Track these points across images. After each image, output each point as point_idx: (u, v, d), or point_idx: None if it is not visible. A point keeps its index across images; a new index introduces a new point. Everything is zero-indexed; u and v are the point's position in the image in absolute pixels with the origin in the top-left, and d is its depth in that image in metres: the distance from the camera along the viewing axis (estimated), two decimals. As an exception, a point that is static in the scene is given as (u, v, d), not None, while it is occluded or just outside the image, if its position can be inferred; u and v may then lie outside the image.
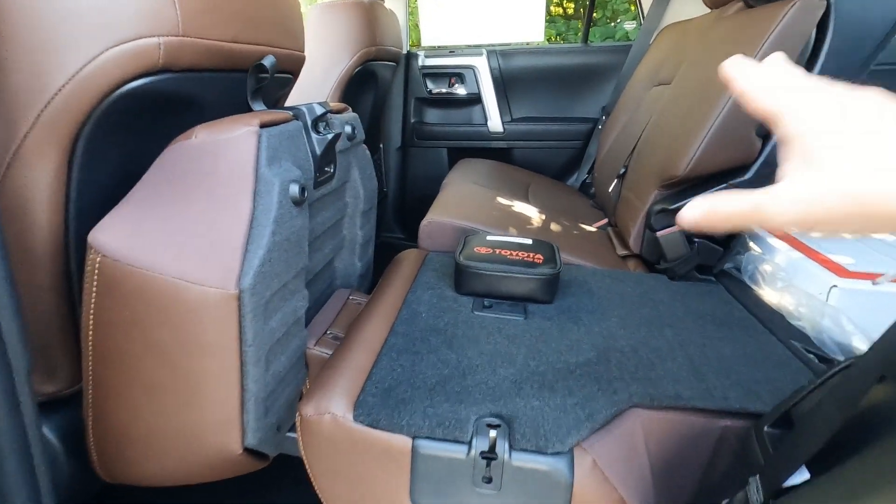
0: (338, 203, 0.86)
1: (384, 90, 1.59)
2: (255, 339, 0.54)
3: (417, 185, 1.98)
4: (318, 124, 0.70)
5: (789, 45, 0.80)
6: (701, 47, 1.09)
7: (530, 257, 0.84)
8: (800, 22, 0.79)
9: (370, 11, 1.21)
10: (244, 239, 0.52)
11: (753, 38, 0.83)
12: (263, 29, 0.64)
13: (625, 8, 4.12)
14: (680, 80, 1.12)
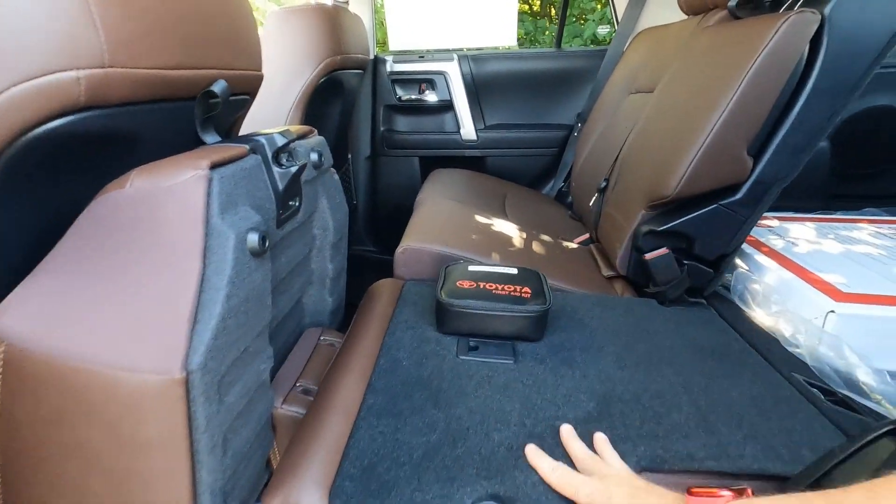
0: (305, 237, 0.77)
1: (351, 99, 1.49)
2: (208, 423, 0.46)
3: (389, 195, 1.89)
4: (279, 156, 0.61)
5: (782, 61, 0.76)
6: (685, 57, 1.05)
7: (517, 291, 0.78)
8: (793, 37, 0.75)
9: (334, 17, 1.11)
10: (192, 309, 0.43)
11: (745, 53, 0.79)
12: (213, 50, 0.54)
13: (591, 7, 4.13)
14: (664, 90, 1.07)
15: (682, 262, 0.91)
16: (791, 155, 0.81)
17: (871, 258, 0.99)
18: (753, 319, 0.88)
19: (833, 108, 0.78)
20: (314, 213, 0.78)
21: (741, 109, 0.79)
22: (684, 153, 0.85)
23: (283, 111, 1.04)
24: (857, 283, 0.86)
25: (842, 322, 0.79)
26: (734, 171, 0.84)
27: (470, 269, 0.85)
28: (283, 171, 0.61)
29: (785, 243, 1.09)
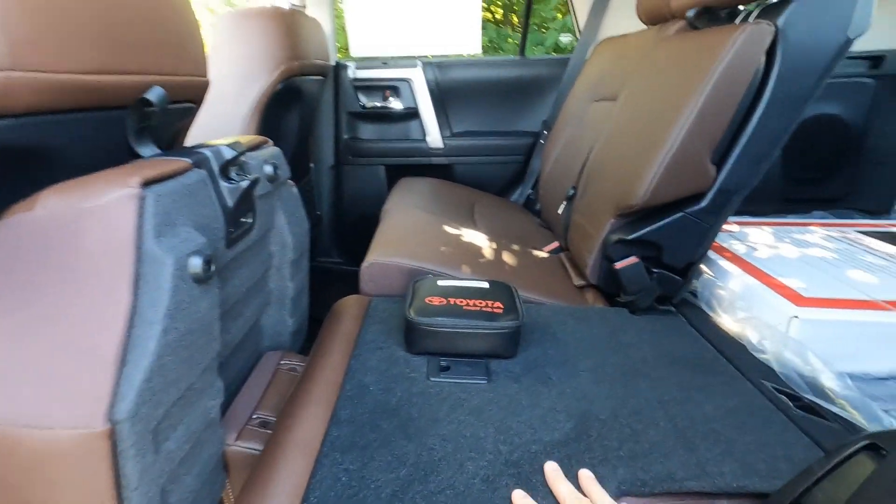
0: (261, 255, 0.72)
1: (312, 106, 1.43)
2: (141, 478, 0.40)
3: (354, 204, 1.84)
4: (228, 170, 0.56)
5: (741, 71, 0.77)
6: (647, 67, 1.05)
7: (489, 307, 0.75)
8: (750, 48, 0.76)
9: (291, 21, 1.06)
10: (119, 349, 0.38)
11: (705, 64, 0.80)
12: (146, 54, 0.49)
13: (552, 16, 4.20)
14: (627, 100, 1.08)
15: (651, 271, 0.91)
16: (752, 163, 0.82)
17: (826, 262, 1.02)
18: (721, 326, 0.89)
19: (790, 117, 0.79)
20: (271, 229, 0.73)
21: (703, 120, 0.80)
22: (650, 162, 0.85)
23: (238, 119, 0.97)
24: (815, 288, 0.88)
25: (805, 327, 0.80)
26: (698, 179, 0.84)
27: (439, 283, 0.82)
28: (232, 187, 0.56)
29: (746, 248, 1.12)
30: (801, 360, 0.75)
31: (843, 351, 0.79)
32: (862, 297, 0.85)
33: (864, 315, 0.80)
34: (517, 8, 4.78)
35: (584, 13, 1.62)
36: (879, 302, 0.82)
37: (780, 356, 0.78)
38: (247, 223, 0.62)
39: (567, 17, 4.04)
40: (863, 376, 0.80)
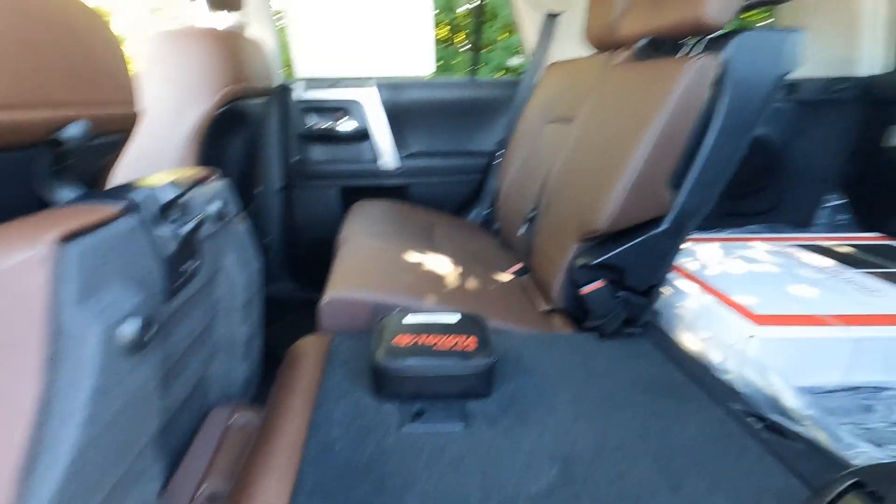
0: (207, 301, 0.64)
1: (257, 128, 1.35)
2: None
3: (308, 228, 1.75)
4: (168, 212, 0.49)
5: (692, 101, 0.80)
6: (600, 93, 1.08)
7: (461, 343, 0.71)
8: (699, 80, 0.79)
9: (230, 42, 0.99)
10: (23, 455, 0.31)
11: (658, 94, 0.82)
12: (65, 84, 0.42)
13: (496, 38, 4.32)
14: (583, 124, 1.10)
15: (616, 294, 0.92)
16: (706, 187, 0.85)
17: (772, 276, 1.08)
18: (685, 346, 0.90)
19: (738, 143, 0.83)
20: (219, 271, 0.65)
21: (660, 147, 0.82)
22: (611, 188, 0.86)
23: (174, 148, 0.89)
24: (767, 304, 0.92)
25: (762, 345, 0.82)
26: (658, 204, 0.86)
27: (406, 320, 0.77)
28: (173, 232, 0.49)
29: (699, 266, 1.16)
30: (762, 380, 0.77)
31: (796, 366, 0.82)
32: (807, 311, 0.90)
33: (811, 331, 0.84)
34: (464, 29, 4.88)
35: (531, 38, 1.66)
36: (823, 317, 0.87)
37: (742, 376, 0.80)
38: (190, 270, 0.55)
39: (511, 38, 4.17)
40: (815, 389, 0.84)
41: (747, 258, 1.21)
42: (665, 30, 0.89)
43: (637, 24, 0.99)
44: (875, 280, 1.03)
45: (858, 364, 0.83)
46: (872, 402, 0.79)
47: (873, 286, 1.00)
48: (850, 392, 0.83)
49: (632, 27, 1.01)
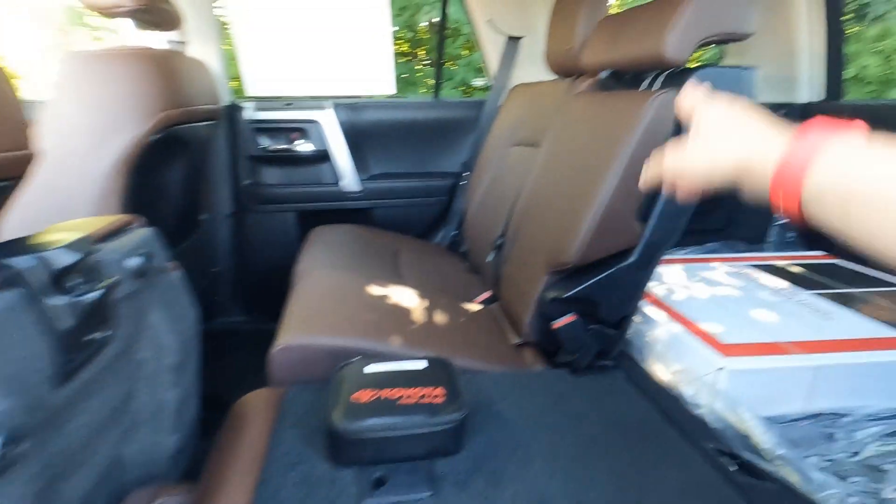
0: (124, 370, 0.55)
1: (202, 153, 1.26)
2: None
3: (261, 255, 1.64)
4: (65, 279, 0.41)
5: (657, 134, 0.79)
6: (565, 120, 1.07)
7: (428, 396, 0.66)
8: (662, 114, 0.79)
9: (167, 63, 0.90)
10: None
11: (624, 128, 0.81)
12: None
13: (458, 53, 4.34)
14: (549, 151, 1.08)
15: (587, 327, 0.89)
16: (672, 219, 0.84)
17: (733, 301, 1.09)
18: (658, 379, 0.89)
19: (702, 176, 0.82)
20: (141, 332, 0.57)
21: (627, 180, 0.81)
22: (581, 221, 0.84)
23: (93, 182, 0.78)
24: (733, 332, 0.92)
25: (731, 377, 0.82)
26: (627, 236, 0.84)
27: (367, 370, 0.71)
28: (70, 302, 0.41)
29: (664, 290, 1.16)
30: (732, 414, 0.76)
31: (762, 396, 0.82)
32: (768, 339, 0.90)
33: (775, 361, 0.84)
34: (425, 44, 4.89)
35: (494, 60, 1.65)
36: (784, 345, 0.88)
37: (713, 410, 0.78)
38: (97, 340, 0.46)
39: (474, 55, 4.20)
40: (779, 419, 0.84)
41: (709, 281, 1.23)
42: (627, 63, 0.89)
43: (599, 56, 0.98)
44: (826, 302, 1.06)
45: (818, 392, 0.84)
46: (833, 430, 0.80)
47: (825, 309, 1.03)
48: (811, 420, 0.84)
49: (593, 58, 1.01)
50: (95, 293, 0.41)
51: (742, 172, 0.36)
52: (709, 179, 0.39)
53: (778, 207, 0.33)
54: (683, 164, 0.40)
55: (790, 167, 0.32)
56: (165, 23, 1.02)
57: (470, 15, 1.63)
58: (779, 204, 0.33)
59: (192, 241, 1.26)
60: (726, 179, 0.38)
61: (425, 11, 3.97)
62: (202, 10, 1.39)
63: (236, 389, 0.79)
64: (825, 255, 1.46)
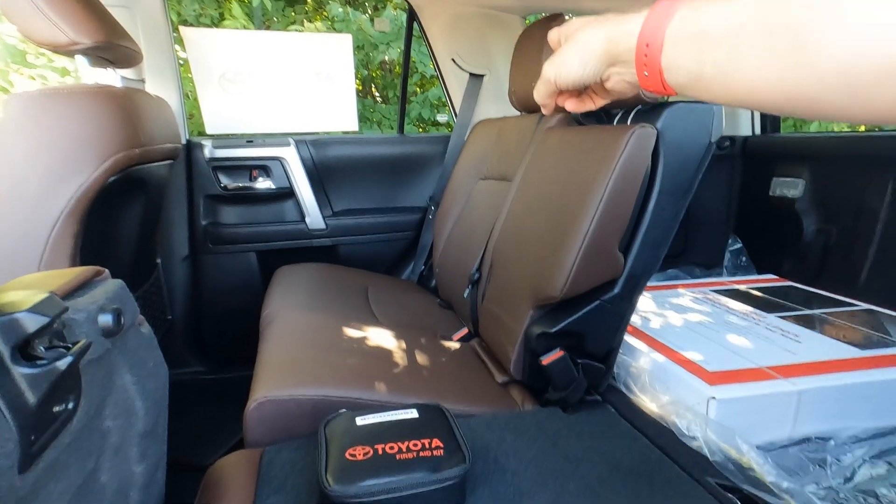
0: (88, 443, 0.48)
1: (158, 193, 1.17)
2: None
3: (220, 299, 1.54)
4: (31, 346, 0.35)
5: (635, 167, 0.82)
6: (538, 154, 1.09)
7: (428, 448, 0.61)
8: (639, 148, 0.81)
9: (127, 102, 0.84)
10: None
11: (603, 161, 0.83)
12: None
13: (413, 90, 4.44)
14: (526, 185, 1.09)
15: (576, 362, 0.88)
16: (652, 249, 0.86)
17: (707, 327, 1.12)
18: (645, 408, 0.88)
19: (677, 207, 0.85)
20: (107, 398, 0.50)
21: (609, 212, 0.82)
22: (565, 254, 0.84)
23: (42, 227, 0.70)
24: (713, 360, 0.94)
25: (722, 406, 0.82)
26: (610, 267, 0.85)
27: (359, 422, 0.65)
28: (38, 372, 0.35)
29: (640, 319, 1.18)
30: (728, 445, 0.76)
31: (751, 423, 0.83)
32: (749, 365, 0.92)
33: (761, 388, 0.85)
34: (377, 81, 4.97)
35: (458, 96, 1.69)
36: (766, 370, 0.90)
37: (709, 442, 0.78)
38: (63, 412, 0.40)
39: (427, 92, 4.31)
40: (770, 446, 0.85)
41: (679, 307, 1.26)
42: (600, 99, 0.92)
43: (569, 92, 1.02)
44: (792, 325, 1.11)
45: (803, 416, 0.86)
46: (823, 455, 0.81)
47: (793, 331, 1.07)
48: (799, 446, 0.85)
49: (563, 94, 1.04)
50: (65, 361, 0.35)
51: (610, 56, 0.38)
52: (583, 72, 0.40)
53: (645, 80, 0.36)
54: (559, 68, 0.41)
55: (647, 35, 0.34)
56: (123, 60, 0.96)
57: (434, 53, 1.66)
58: (644, 74, 0.35)
59: (147, 288, 1.16)
60: (598, 66, 0.39)
61: (381, 51, 4.06)
62: (160, 46, 1.34)
63: (201, 449, 0.70)
64: (776, 278, 1.56)
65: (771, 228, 1.74)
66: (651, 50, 0.34)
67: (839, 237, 1.52)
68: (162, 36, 1.33)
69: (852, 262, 1.46)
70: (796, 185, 1.65)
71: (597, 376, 0.89)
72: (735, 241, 1.79)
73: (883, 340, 1.02)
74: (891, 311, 1.19)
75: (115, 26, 0.92)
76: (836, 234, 1.54)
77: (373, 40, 3.97)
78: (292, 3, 4.37)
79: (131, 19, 1.27)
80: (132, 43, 0.98)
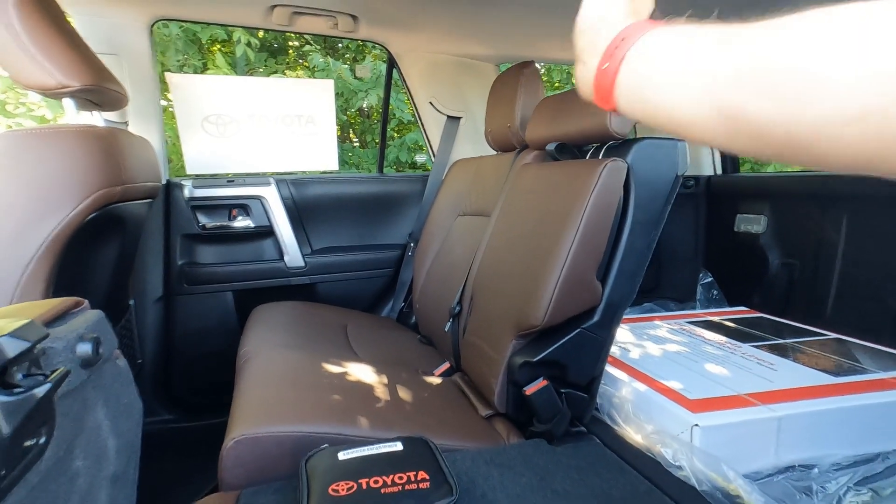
0: (55, 484, 0.45)
1: (136, 232, 1.16)
2: None
3: (194, 343, 1.48)
4: (9, 372, 0.34)
5: (608, 199, 0.86)
6: (515, 189, 1.13)
7: (413, 481, 0.59)
8: (611, 181, 0.86)
9: (109, 141, 0.85)
10: None
11: (578, 194, 0.87)
12: None
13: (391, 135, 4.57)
14: (504, 219, 1.12)
15: (559, 391, 0.88)
16: (629, 278, 0.89)
17: (685, 357, 1.14)
18: (630, 439, 0.88)
19: (649, 237, 0.89)
20: (79, 436, 0.47)
21: (586, 242, 0.85)
22: (545, 283, 0.86)
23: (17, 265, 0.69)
24: (694, 388, 0.96)
25: (706, 434, 0.83)
26: (589, 296, 0.87)
27: (341, 457, 0.63)
28: (14, 400, 0.33)
29: (620, 350, 1.19)
30: (714, 473, 0.76)
31: (736, 452, 0.83)
32: (729, 392, 0.94)
33: (743, 414, 0.86)
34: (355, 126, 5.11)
35: (436, 137, 1.75)
36: (746, 397, 0.92)
37: (694, 470, 0.78)
38: (34, 447, 0.38)
39: (405, 136, 4.44)
40: (755, 476, 0.85)
41: (657, 338, 1.29)
42: (572, 136, 0.98)
43: (543, 131, 1.08)
44: (767, 353, 1.14)
45: (785, 443, 0.87)
46: (809, 483, 0.82)
47: (768, 360, 1.10)
48: (784, 474, 0.86)
49: (538, 133, 1.10)
50: (43, 389, 0.34)
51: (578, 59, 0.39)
52: None
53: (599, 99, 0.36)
54: None
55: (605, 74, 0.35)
56: (110, 103, 0.98)
57: (412, 96, 1.74)
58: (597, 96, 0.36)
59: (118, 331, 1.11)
60: None
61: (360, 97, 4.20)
62: (146, 91, 1.36)
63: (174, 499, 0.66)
64: (747, 310, 1.61)
65: (739, 262, 1.82)
66: (603, 87, 0.35)
67: (802, 270, 1.60)
68: (148, 82, 1.36)
69: (818, 293, 1.53)
70: (759, 220, 1.75)
71: (580, 406, 0.89)
72: (706, 275, 1.86)
73: (854, 368, 1.05)
74: (857, 340, 1.24)
75: (102, 70, 0.94)
76: (799, 267, 1.62)
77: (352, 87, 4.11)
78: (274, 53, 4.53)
79: (119, 66, 1.30)
80: (119, 86, 1.00)
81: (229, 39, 3.90)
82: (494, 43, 1.62)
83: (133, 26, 1.30)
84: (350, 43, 4.31)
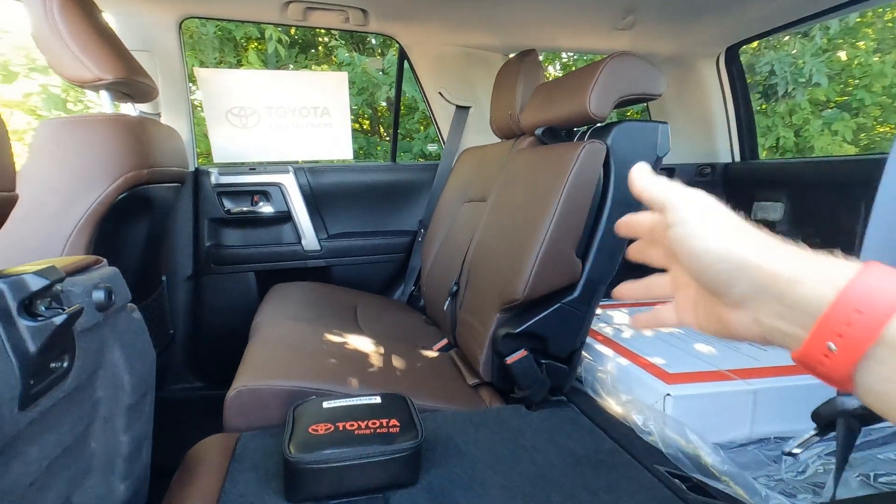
0: (80, 407, 0.55)
1: (163, 214, 1.28)
2: None
3: (219, 318, 1.62)
4: (34, 304, 0.43)
5: (587, 179, 0.90)
6: (508, 174, 1.18)
7: (384, 426, 0.67)
8: (590, 161, 0.90)
9: (137, 128, 0.96)
10: None
11: (558, 174, 0.91)
12: None
13: (416, 128, 4.65)
14: (495, 203, 1.17)
15: (539, 362, 0.93)
16: (608, 256, 0.93)
17: (675, 337, 1.16)
18: (609, 410, 0.92)
19: (630, 216, 0.92)
20: (99, 369, 0.57)
21: (564, 220, 0.89)
22: (526, 259, 0.91)
23: (60, 236, 0.81)
24: (676, 363, 0.98)
25: (677, 403, 0.86)
26: (568, 272, 0.92)
27: (325, 405, 0.71)
28: (38, 325, 0.42)
29: (613, 330, 1.23)
30: (681, 438, 0.80)
31: (710, 423, 0.86)
32: (710, 368, 0.97)
33: (717, 386, 0.89)
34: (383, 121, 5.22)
35: (446, 127, 1.81)
36: (725, 372, 0.94)
37: (663, 436, 0.82)
38: (59, 369, 0.47)
39: (429, 129, 4.50)
40: (729, 445, 0.88)
41: (654, 320, 1.31)
42: (559, 121, 1.02)
43: (535, 117, 1.12)
44: (760, 333, 1.15)
45: (761, 416, 0.89)
46: (778, 452, 0.84)
47: (759, 339, 1.11)
48: (757, 445, 0.88)
49: (530, 119, 1.14)
50: (60, 318, 0.43)
51: (766, 280, 0.26)
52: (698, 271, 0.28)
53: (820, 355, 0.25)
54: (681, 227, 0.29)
55: (859, 299, 0.23)
56: (141, 95, 1.10)
57: (423, 87, 1.80)
58: (828, 347, 0.24)
59: (151, 302, 1.24)
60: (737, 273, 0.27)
61: (384, 91, 4.29)
62: (175, 85, 1.49)
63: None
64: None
65: None
66: (864, 319, 0.23)
67: (821, 258, 1.56)
68: (177, 76, 1.49)
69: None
70: (776, 208, 1.71)
71: (560, 377, 0.94)
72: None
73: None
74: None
75: (133, 64, 1.06)
76: (817, 255, 1.58)
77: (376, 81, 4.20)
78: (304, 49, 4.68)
79: (151, 62, 1.43)
80: (149, 79, 1.12)
81: (262, 37, 4.08)
82: (502, 33, 1.66)
83: (163, 24, 1.42)
84: (376, 37, 4.42)
